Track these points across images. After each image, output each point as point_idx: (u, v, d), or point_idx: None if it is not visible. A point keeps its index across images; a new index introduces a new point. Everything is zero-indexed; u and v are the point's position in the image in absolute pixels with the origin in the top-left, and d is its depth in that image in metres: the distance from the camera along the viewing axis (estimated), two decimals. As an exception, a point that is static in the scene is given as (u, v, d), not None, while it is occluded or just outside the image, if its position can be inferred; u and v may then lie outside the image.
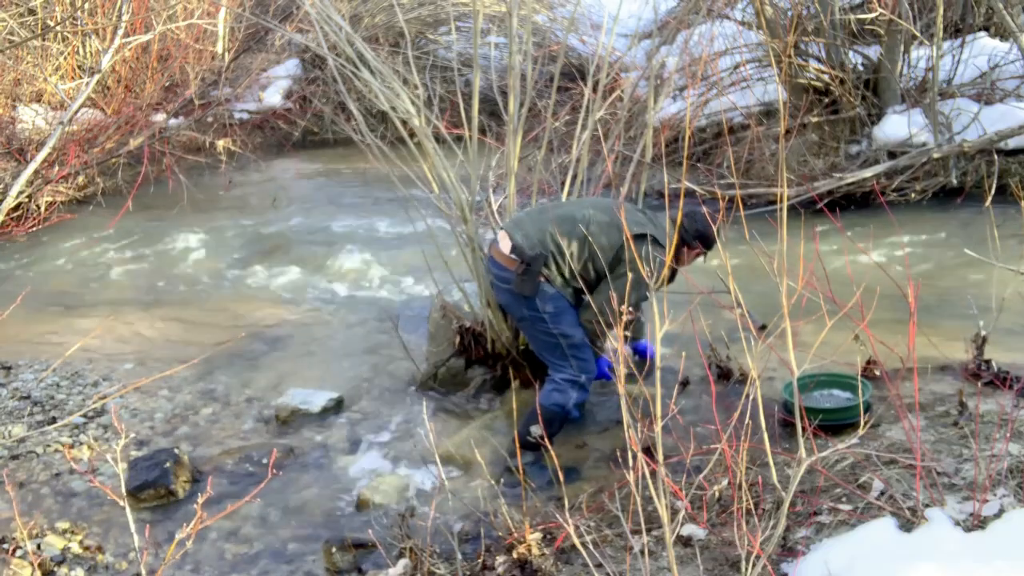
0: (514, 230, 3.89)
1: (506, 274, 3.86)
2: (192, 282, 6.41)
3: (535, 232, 3.85)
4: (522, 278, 3.79)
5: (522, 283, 3.80)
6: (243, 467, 4.07)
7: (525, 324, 3.99)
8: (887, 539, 2.75)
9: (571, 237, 3.80)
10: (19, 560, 3.43)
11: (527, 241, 3.83)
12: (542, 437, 3.51)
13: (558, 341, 3.85)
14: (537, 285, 3.79)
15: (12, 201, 4.23)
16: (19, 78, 8.79)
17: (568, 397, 3.88)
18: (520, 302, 3.87)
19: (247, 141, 9.30)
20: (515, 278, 3.81)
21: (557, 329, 3.83)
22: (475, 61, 4.51)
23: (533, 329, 3.93)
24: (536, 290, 3.80)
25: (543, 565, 3.00)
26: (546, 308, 3.81)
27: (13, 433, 4.36)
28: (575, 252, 3.79)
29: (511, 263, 3.83)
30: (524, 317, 3.92)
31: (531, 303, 3.83)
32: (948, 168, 6.68)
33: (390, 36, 10.09)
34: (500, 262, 3.88)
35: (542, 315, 3.83)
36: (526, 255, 3.80)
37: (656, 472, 2.32)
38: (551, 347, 3.90)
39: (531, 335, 4.02)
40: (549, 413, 3.78)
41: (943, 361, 4.06)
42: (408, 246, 6.53)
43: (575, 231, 3.80)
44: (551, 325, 3.83)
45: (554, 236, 3.80)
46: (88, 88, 4.58)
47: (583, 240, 3.79)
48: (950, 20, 7.53)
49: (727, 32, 7.84)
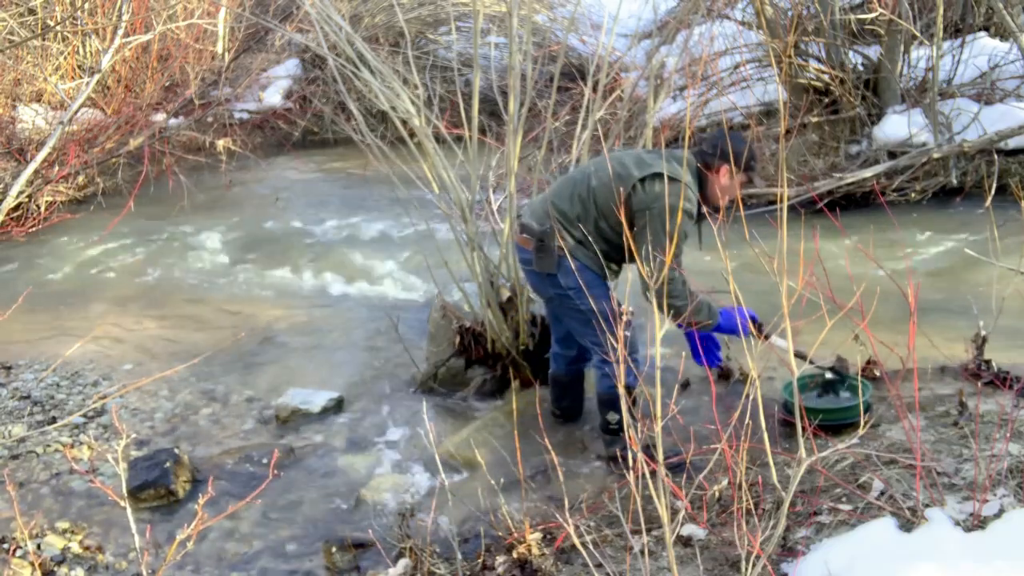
0: (525, 212, 3.86)
1: (527, 255, 3.80)
2: (192, 282, 6.41)
3: (540, 207, 3.78)
4: (539, 256, 3.71)
5: (540, 260, 3.71)
6: (243, 467, 4.07)
7: (555, 305, 3.89)
8: (887, 539, 2.75)
9: (572, 198, 3.68)
10: (19, 560, 3.43)
11: (535, 217, 3.75)
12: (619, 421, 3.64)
13: (587, 317, 3.64)
14: (556, 260, 3.65)
15: (12, 201, 4.23)
16: (19, 78, 8.79)
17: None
18: (545, 281, 3.77)
19: (247, 141, 9.30)
20: (533, 258, 3.74)
21: (584, 304, 3.61)
22: (475, 61, 4.51)
23: (562, 308, 3.82)
24: (556, 266, 3.66)
25: (543, 565, 3.00)
26: (569, 284, 3.63)
27: (13, 433, 4.36)
28: (580, 212, 3.65)
29: (528, 243, 3.76)
30: (551, 297, 3.82)
31: (555, 280, 3.71)
32: (948, 168, 6.69)
33: (390, 36, 10.09)
34: (521, 245, 3.83)
35: (567, 292, 3.69)
36: (535, 231, 3.71)
37: (656, 472, 2.32)
38: (584, 323, 3.71)
39: (563, 315, 3.89)
40: (608, 397, 3.76)
41: (943, 361, 4.06)
42: (408, 246, 6.53)
43: (575, 189, 3.69)
44: (577, 301, 3.64)
45: (556, 204, 3.69)
46: (88, 88, 4.58)
47: (584, 198, 3.65)
48: (950, 20, 7.53)
49: (727, 32, 7.84)
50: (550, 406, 4.22)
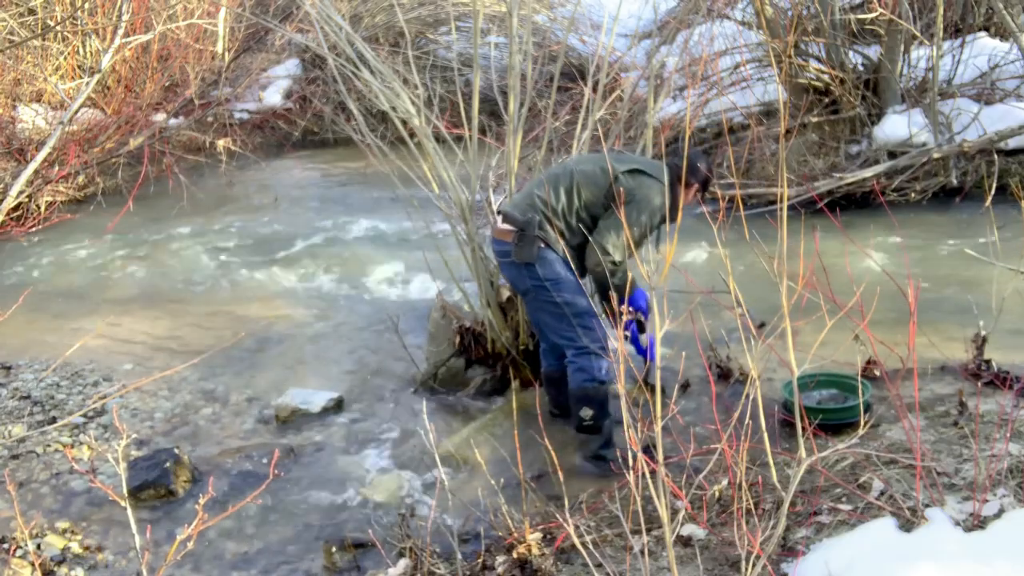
0: (507, 206, 3.91)
1: (505, 247, 3.84)
2: (192, 282, 6.41)
3: (523, 199, 3.86)
4: (519, 245, 3.75)
5: (520, 250, 3.75)
6: (243, 467, 4.07)
7: (530, 298, 3.89)
8: (887, 539, 2.75)
9: (556, 190, 3.80)
10: (19, 560, 3.43)
11: (517, 209, 3.82)
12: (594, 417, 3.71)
13: (563, 311, 3.74)
14: (537, 250, 3.73)
15: (12, 201, 4.23)
16: (19, 78, 8.80)
17: (592, 366, 3.76)
18: (522, 273, 3.80)
19: (247, 141, 9.31)
20: (513, 248, 3.78)
21: (560, 297, 3.73)
22: (475, 61, 4.51)
23: (537, 301, 3.84)
24: (536, 256, 3.73)
25: (543, 565, 3.00)
26: (547, 275, 3.74)
27: (13, 433, 4.36)
28: (564, 204, 3.77)
29: (507, 235, 3.81)
30: (528, 289, 3.84)
31: (532, 271, 3.76)
32: (948, 168, 6.69)
33: (390, 36, 10.09)
34: (499, 238, 3.87)
35: (543, 283, 3.75)
36: (518, 220, 3.77)
37: (656, 472, 2.32)
38: (558, 318, 3.78)
39: (537, 309, 3.90)
40: (582, 392, 3.76)
41: (943, 361, 4.07)
42: (408, 246, 6.53)
43: (559, 183, 3.81)
44: (554, 293, 3.73)
45: (540, 196, 3.79)
46: (88, 88, 4.58)
47: (569, 189, 3.78)
48: (950, 20, 7.53)
49: (727, 32, 7.85)
50: (549, 406, 4.23)
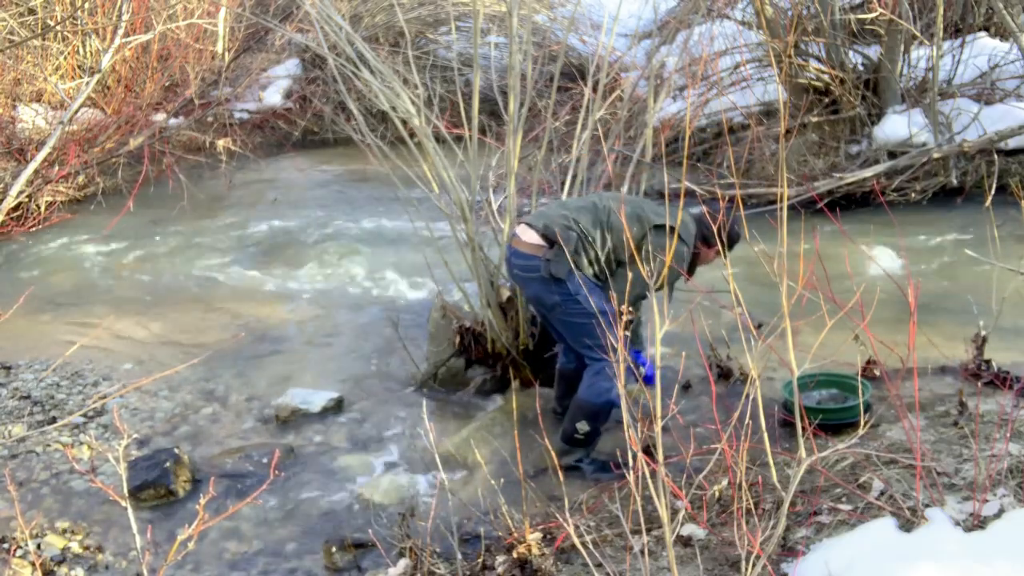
0: (537, 220, 3.83)
1: (533, 262, 3.76)
2: (192, 282, 6.41)
3: (560, 219, 3.78)
4: (554, 261, 3.70)
5: (554, 265, 3.69)
6: (243, 467, 4.07)
7: (558, 311, 3.82)
8: (887, 539, 2.75)
9: (595, 226, 3.75)
10: (19, 560, 3.43)
11: (555, 226, 3.74)
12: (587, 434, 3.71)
13: (591, 321, 3.63)
14: (568, 268, 3.67)
15: (12, 201, 4.23)
16: (19, 78, 8.79)
17: (612, 388, 3.72)
18: (550, 288, 3.75)
19: (247, 141, 9.30)
20: (543, 263, 3.72)
21: (589, 308, 3.64)
22: (475, 61, 4.51)
23: (566, 313, 3.78)
24: (569, 271, 3.68)
25: (543, 565, 3.00)
26: (576, 289, 3.69)
27: (13, 433, 4.36)
28: (598, 241, 3.74)
29: (538, 249, 3.75)
30: (556, 303, 3.78)
31: (562, 286, 3.71)
32: (948, 168, 6.69)
33: (390, 36, 10.09)
34: (525, 252, 3.79)
35: (574, 296, 3.69)
36: (557, 236, 3.70)
37: (656, 472, 2.32)
38: (587, 330, 3.70)
39: (565, 321, 3.84)
40: (591, 407, 3.75)
41: (943, 361, 4.07)
42: (408, 246, 6.53)
43: (597, 218, 3.77)
44: (584, 304, 3.67)
45: (579, 223, 3.74)
46: (88, 88, 4.58)
47: (607, 230, 3.75)
48: (950, 20, 7.54)
49: (727, 32, 7.85)
50: (551, 404, 4.22)
